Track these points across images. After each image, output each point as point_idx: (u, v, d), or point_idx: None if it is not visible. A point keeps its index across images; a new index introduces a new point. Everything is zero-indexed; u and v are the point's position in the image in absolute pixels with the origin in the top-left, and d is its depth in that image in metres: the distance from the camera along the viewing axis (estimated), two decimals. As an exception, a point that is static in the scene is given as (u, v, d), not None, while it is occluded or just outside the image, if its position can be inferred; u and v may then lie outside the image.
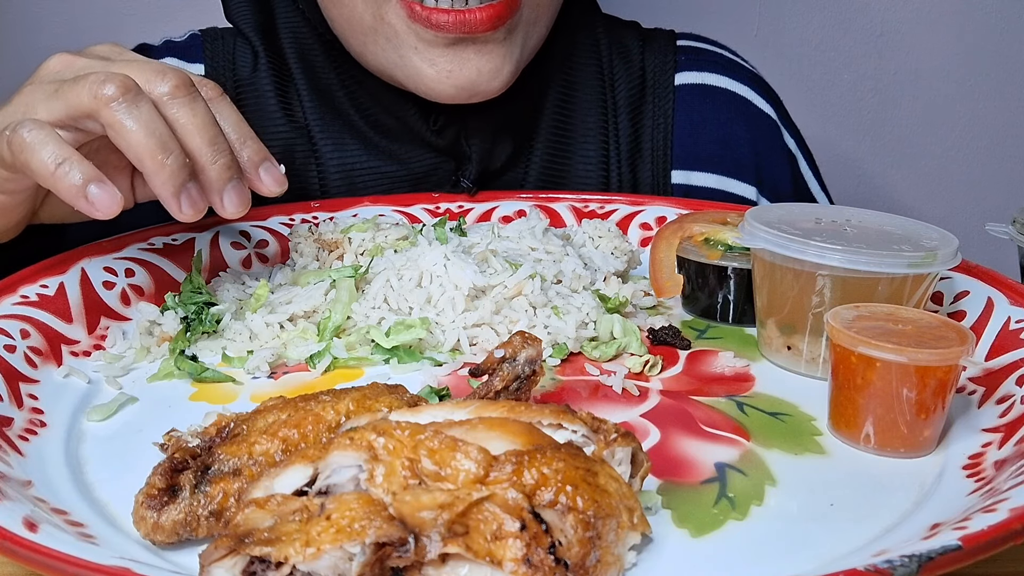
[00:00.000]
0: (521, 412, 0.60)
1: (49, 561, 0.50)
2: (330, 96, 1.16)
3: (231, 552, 0.51)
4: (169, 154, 0.75)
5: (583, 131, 1.19)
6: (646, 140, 1.19)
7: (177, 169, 0.76)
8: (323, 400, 0.64)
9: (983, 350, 0.81)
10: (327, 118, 1.16)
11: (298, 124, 1.15)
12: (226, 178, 0.80)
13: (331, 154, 1.15)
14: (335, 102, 1.16)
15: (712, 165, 1.21)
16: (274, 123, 1.15)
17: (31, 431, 0.71)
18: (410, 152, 1.16)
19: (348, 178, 1.16)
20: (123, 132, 0.75)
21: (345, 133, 1.16)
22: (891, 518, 0.63)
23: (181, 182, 0.76)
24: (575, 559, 0.52)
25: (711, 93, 1.23)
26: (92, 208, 0.74)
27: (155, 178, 0.76)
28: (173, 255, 0.98)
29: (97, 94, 0.75)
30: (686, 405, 0.79)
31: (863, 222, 0.88)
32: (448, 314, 0.87)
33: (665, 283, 0.98)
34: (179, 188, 0.77)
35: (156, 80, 0.78)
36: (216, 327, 0.87)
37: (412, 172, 1.16)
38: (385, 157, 1.16)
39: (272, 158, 0.85)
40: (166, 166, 0.75)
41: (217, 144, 0.79)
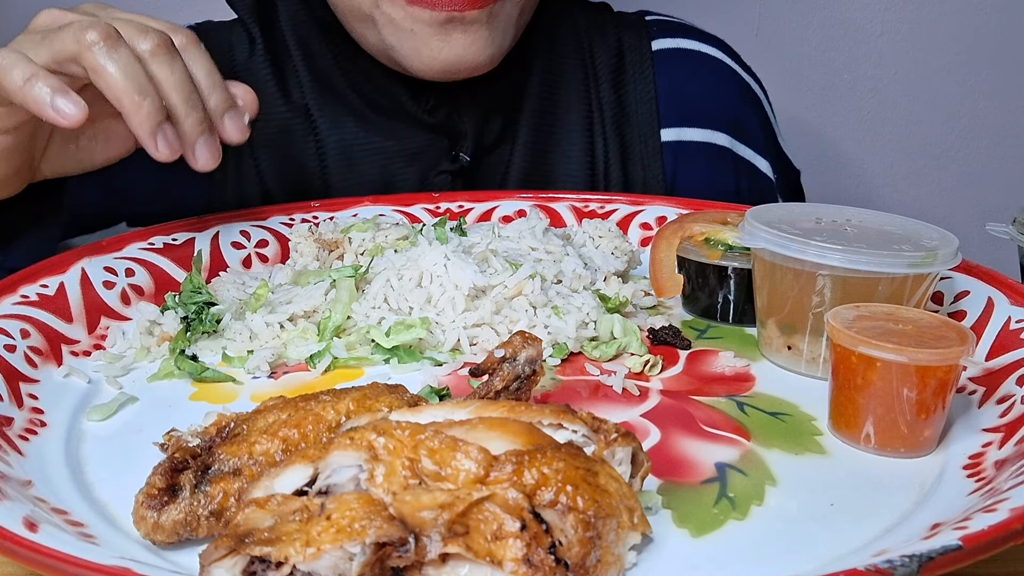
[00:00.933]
0: (521, 412, 0.60)
1: (49, 561, 0.50)
2: (328, 77, 1.20)
3: (231, 552, 0.51)
4: (146, 96, 0.81)
5: (567, 103, 1.24)
6: (631, 104, 1.25)
7: (154, 111, 0.82)
8: (323, 400, 0.64)
9: (983, 350, 0.81)
10: (325, 98, 1.20)
11: (296, 105, 1.20)
12: (198, 131, 0.85)
13: (329, 132, 1.19)
14: (332, 83, 1.20)
15: (699, 120, 1.26)
16: (273, 104, 1.19)
17: (31, 431, 0.71)
18: (405, 130, 1.20)
19: (346, 155, 1.20)
20: (103, 74, 0.80)
21: (343, 112, 1.20)
22: (891, 518, 0.63)
23: (157, 122, 0.82)
24: (575, 559, 0.52)
25: (687, 55, 1.29)
26: (58, 117, 0.79)
27: (133, 118, 0.81)
28: (173, 255, 0.98)
29: (80, 39, 0.80)
30: (686, 405, 0.79)
31: (863, 222, 0.88)
32: (448, 314, 0.87)
33: (665, 283, 0.98)
34: (155, 128, 0.82)
35: (138, 36, 0.83)
36: (216, 327, 0.87)
37: (407, 148, 1.20)
38: (381, 134, 1.20)
39: (238, 107, 0.89)
40: (143, 107, 0.81)
41: (191, 100, 0.84)
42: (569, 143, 1.23)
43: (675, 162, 1.26)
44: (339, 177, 1.20)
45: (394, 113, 1.19)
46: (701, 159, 1.27)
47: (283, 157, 1.20)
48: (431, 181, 1.20)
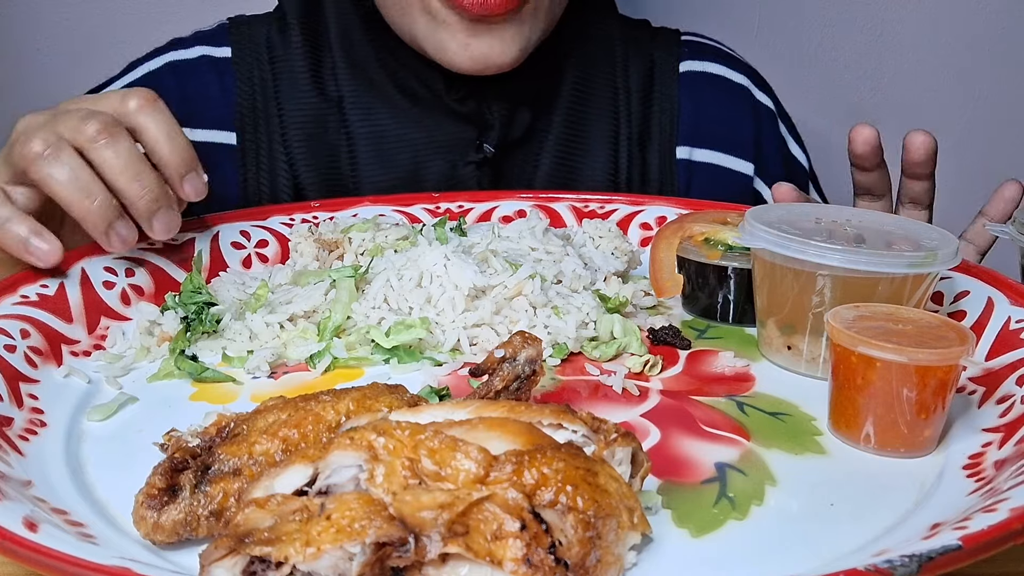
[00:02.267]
0: (521, 412, 0.60)
1: (49, 561, 0.50)
2: (364, 67, 1.24)
3: (231, 552, 0.51)
4: (94, 199, 0.83)
5: (598, 112, 1.27)
6: (655, 122, 1.29)
7: (103, 210, 0.84)
8: (323, 400, 0.64)
9: (983, 350, 0.81)
10: (360, 89, 1.23)
11: (329, 96, 1.23)
12: (153, 210, 0.86)
13: (360, 123, 1.22)
14: (369, 72, 1.23)
15: (713, 142, 1.30)
16: (306, 96, 1.22)
17: (31, 431, 0.71)
18: (435, 119, 1.22)
19: (377, 145, 1.22)
20: (49, 184, 0.82)
21: (376, 102, 1.23)
22: (891, 518, 0.63)
23: (108, 222, 0.84)
24: (575, 559, 0.52)
25: (712, 80, 1.33)
26: (33, 258, 0.83)
27: (84, 222, 0.84)
28: (173, 255, 0.98)
29: (24, 153, 0.83)
30: (686, 405, 0.79)
31: (863, 222, 0.88)
32: (448, 314, 0.87)
33: (665, 283, 0.98)
34: (107, 228, 0.84)
35: (79, 128, 0.84)
36: (216, 327, 0.87)
37: (436, 139, 1.22)
38: (412, 125, 1.22)
39: (199, 167, 0.90)
40: (92, 211, 0.83)
41: (141, 179, 0.85)
42: (595, 152, 1.26)
43: (689, 180, 1.30)
44: (369, 167, 1.22)
45: (425, 101, 1.22)
46: (716, 183, 1.29)
47: (315, 148, 1.22)
48: (459, 172, 1.22)
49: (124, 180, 0.84)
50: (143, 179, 0.85)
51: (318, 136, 1.22)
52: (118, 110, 0.87)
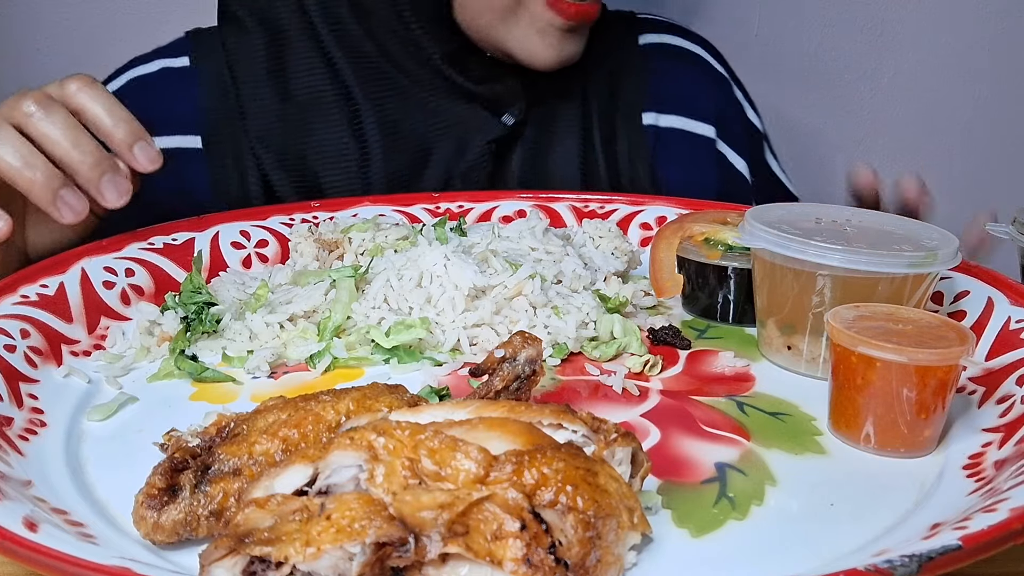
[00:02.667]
0: (521, 412, 0.60)
1: (49, 561, 0.50)
2: (363, 52, 1.24)
3: (231, 552, 0.51)
4: (35, 169, 0.84)
5: (567, 86, 1.30)
6: (621, 92, 1.33)
7: (45, 181, 0.84)
8: (323, 400, 0.64)
9: (983, 350, 0.81)
10: (362, 75, 1.23)
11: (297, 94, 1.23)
12: (98, 174, 0.86)
13: (368, 109, 1.22)
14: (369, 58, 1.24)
15: (676, 108, 1.34)
16: (270, 96, 1.22)
17: (31, 431, 0.71)
18: (443, 101, 1.24)
19: (387, 130, 1.22)
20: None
21: (382, 88, 1.23)
22: (891, 518, 0.63)
23: (53, 191, 0.84)
24: (575, 559, 0.52)
25: (671, 51, 1.39)
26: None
27: (31, 195, 0.85)
28: (173, 255, 0.98)
29: None
30: (686, 405, 0.79)
31: (863, 222, 0.88)
32: (448, 314, 0.87)
33: (665, 283, 0.98)
34: (53, 198, 0.85)
35: (15, 105, 0.86)
36: (216, 327, 0.87)
37: (443, 119, 1.24)
38: (415, 108, 1.24)
39: (147, 136, 0.90)
40: (36, 182, 0.84)
41: (80, 146, 0.86)
42: (567, 122, 1.29)
43: (656, 145, 1.32)
44: (380, 154, 1.22)
45: (433, 84, 1.23)
46: (682, 146, 1.33)
47: (321, 138, 1.22)
48: (473, 151, 1.23)
49: (63, 148, 0.85)
50: (82, 145, 0.86)
51: (322, 127, 1.22)
52: (56, 93, 0.88)
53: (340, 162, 1.22)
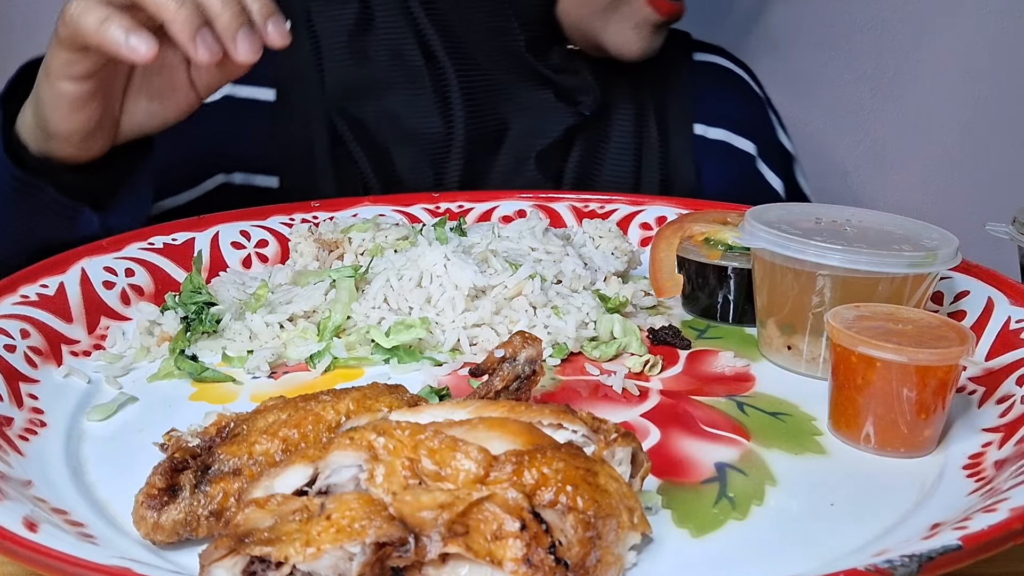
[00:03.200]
0: (521, 412, 0.60)
1: (49, 561, 0.50)
2: (452, 33, 1.28)
3: (231, 552, 0.51)
4: (182, 5, 0.85)
5: (625, 89, 1.36)
6: (673, 101, 1.39)
7: (190, 15, 0.85)
8: (323, 400, 0.64)
9: (983, 350, 0.81)
10: (449, 49, 1.27)
11: (426, 52, 1.27)
12: (236, 26, 0.88)
13: (455, 82, 1.26)
14: (458, 40, 1.28)
15: (723, 122, 1.40)
16: (399, 44, 1.26)
17: (31, 431, 0.71)
18: (524, 85, 1.29)
19: (469, 105, 1.26)
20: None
21: (467, 64, 1.27)
22: (891, 518, 0.63)
23: (195, 26, 0.85)
24: (575, 559, 0.52)
25: (720, 71, 1.47)
26: (132, 54, 0.84)
27: (172, 25, 0.85)
28: (173, 255, 0.98)
29: None
30: (686, 405, 0.79)
31: (863, 222, 0.88)
32: (448, 314, 0.87)
33: (665, 283, 0.98)
34: (194, 32, 0.85)
35: None
36: (216, 327, 0.87)
37: (516, 99, 1.29)
38: (494, 88, 1.29)
39: (280, 14, 0.92)
40: (179, 13, 0.85)
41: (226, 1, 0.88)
42: (622, 134, 1.35)
43: (703, 155, 1.38)
44: (462, 125, 1.25)
45: (511, 67, 1.27)
46: (727, 159, 1.38)
47: (405, 104, 1.26)
48: (548, 135, 1.28)
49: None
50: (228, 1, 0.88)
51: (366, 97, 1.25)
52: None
53: (424, 131, 1.26)
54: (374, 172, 1.26)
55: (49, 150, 0.94)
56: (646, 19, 1.24)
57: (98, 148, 0.95)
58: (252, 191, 1.26)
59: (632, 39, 1.26)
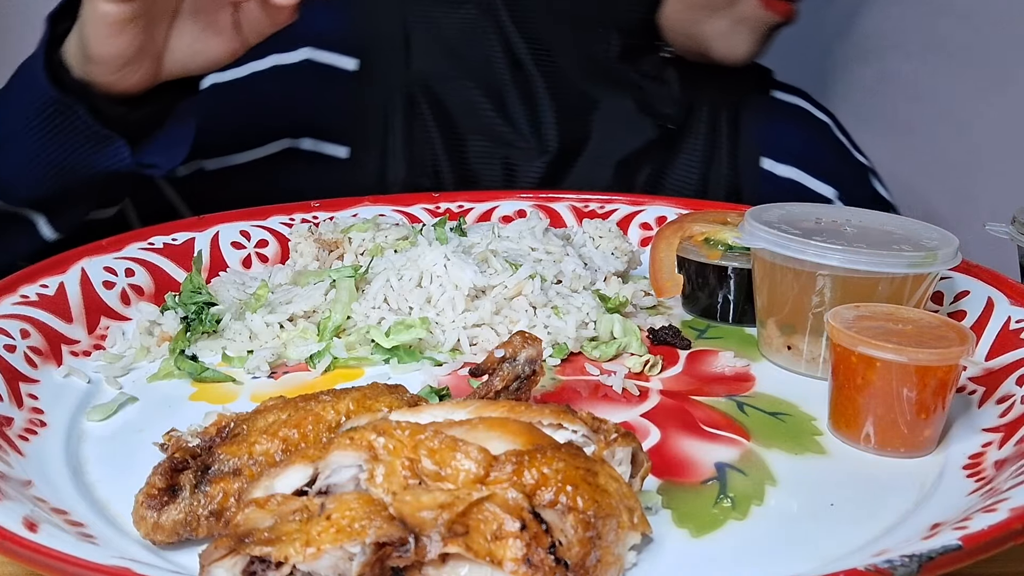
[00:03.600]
0: (521, 412, 0.60)
1: (49, 561, 0.50)
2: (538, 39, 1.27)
3: (231, 552, 0.51)
4: None
5: (698, 118, 1.35)
6: (744, 133, 1.36)
7: None
8: (323, 400, 0.64)
9: (983, 350, 0.81)
10: (536, 52, 1.26)
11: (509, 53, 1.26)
12: None
13: (540, 84, 1.25)
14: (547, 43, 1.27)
15: (797, 163, 1.37)
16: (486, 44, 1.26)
17: (31, 431, 0.71)
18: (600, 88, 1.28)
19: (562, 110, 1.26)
20: None
21: (553, 69, 1.26)
22: (891, 518, 0.63)
23: None
24: (575, 559, 0.52)
25: (799, 112, 1.43)
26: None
27: None
28: (173, 255, 0.98)
29: None
30: (686, 405, 0.79)
31: (863, 222, 0.88)
32: (448, 314, 0.87)
33: (665, 283, 0.98)
34: None
35: None
36: (216, 327, 0.87)
37: (606, 114, 1.28)
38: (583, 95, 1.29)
39: None
40: None
41: None
42: (692, 152, 1.33)
43: (772, 192, 1.35)
44: (552, 125, 1.25)
45: (596, 74, 1.26)
46: (798, 196, 1.35)
47: (489, 106, 1.25)
48: (630, 145, 1.27)
49: None
50: None
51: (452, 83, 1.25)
52: None
53: (503, 131, 1.25)
54: (448, 158, 1.25)
55: (89, 75, 0.93)
56: (758, 21, 1.23)
57: (137, 79, 0.94)
58: (319, 158, 1.25)
59: (740, 41, 1.24)
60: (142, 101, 0.97)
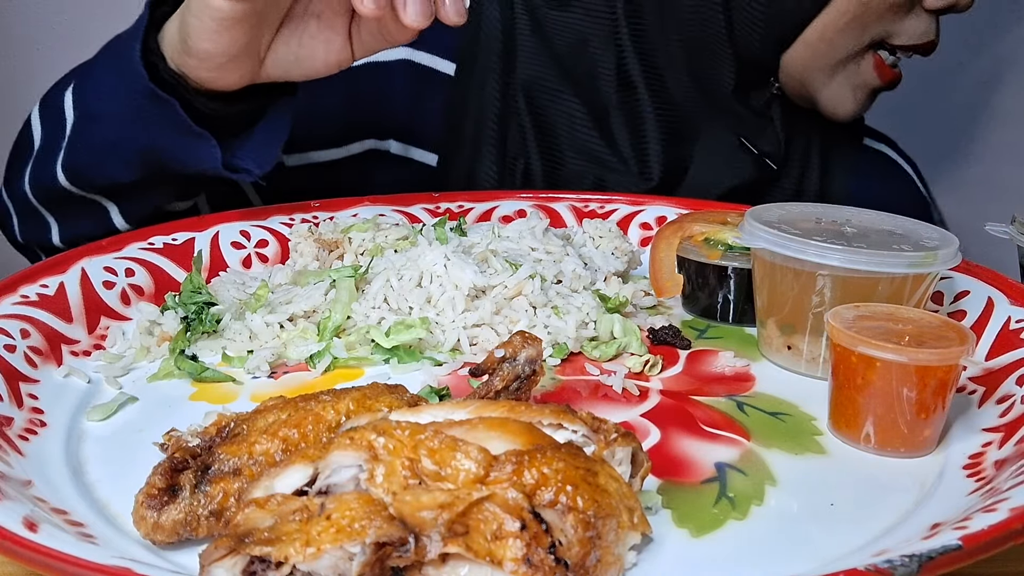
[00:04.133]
0: (521, 412, 0.60)
1: (49, 561, 0.50)
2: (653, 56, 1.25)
3: (231, 552, 0.51)
4: None
5: (794, 159, 1.35)
6: (835, 176, 1.37)
7: None
8: (323, 400, 0.64)
9: (983, 350, 0.81)
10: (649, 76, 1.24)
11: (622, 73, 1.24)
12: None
13: (650, 110, 1.24)
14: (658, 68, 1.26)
15: (879, 208, 1.38)
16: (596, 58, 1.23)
17: (31, 431, 0.71)
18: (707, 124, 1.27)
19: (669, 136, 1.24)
20: None
21: (664, 98, 1.25)
22: (891, 518, 0.63)
23: None
24: (575, 559, 0.52)
25: (886, 160, 1.46)
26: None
27: None
28: (173, 255, 0.98)
29: None
30: (686, 405, 0.79)
31: (863, 222, 0.88)
32: (448, 314, 0.87)
33: (665, 283, 0.98)
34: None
35: None
36: (216, 327, 0.87)
37: (708, 147, 1.27)
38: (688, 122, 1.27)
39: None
40: None
41: None
42: (779, 193, 1.34)
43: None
44: (659, 150, 1.24)
45: (701, 103, 1.25)
46: None
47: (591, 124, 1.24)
48: (729, 179, 1.26)
49: None
50: None
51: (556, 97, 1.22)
52: None
53: (602, 153, 1.23)
54: (542, 173, 1.23)
55: (185, 66, 0.90)
56: (867, 83, 1.25)
57: (234, 79, 0.91)
58: (404, 162, 1.22)
59: (849, 99, 1.26)
60: (236, 99, 0.94)
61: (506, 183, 1.22)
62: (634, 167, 1.23)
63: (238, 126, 0.97)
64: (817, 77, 1.24)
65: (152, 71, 0.91)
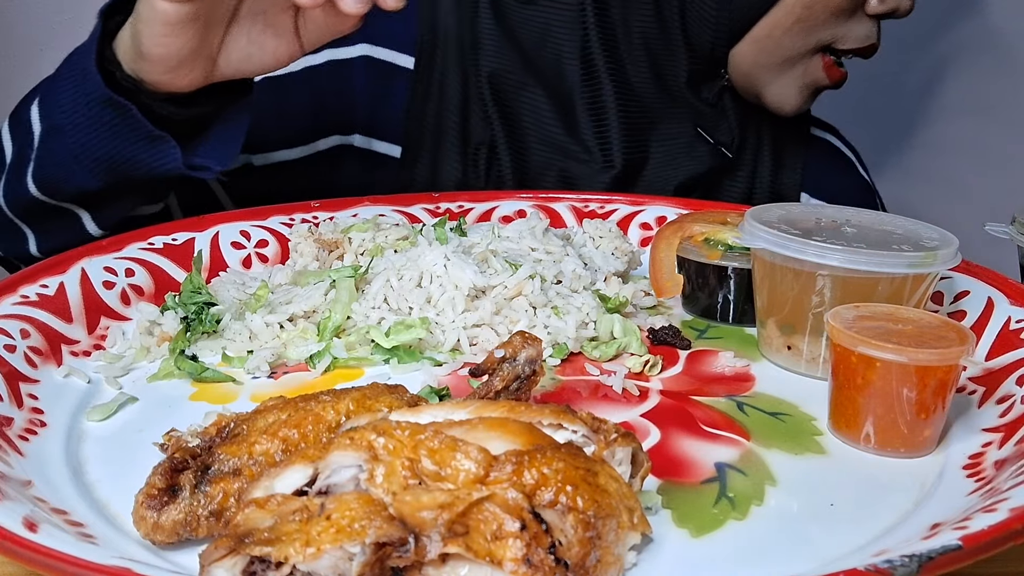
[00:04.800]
0: (521, 412, 0.60)
1: (49, 561, 0.50)
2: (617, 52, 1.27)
3: (231, 552, 0.51)
4: None
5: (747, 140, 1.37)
6: (786, 168, 1.39)
7: None
8: (323, 400, 0.64)
9: (983, 350, 0.81)
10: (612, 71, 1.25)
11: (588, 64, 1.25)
12: None
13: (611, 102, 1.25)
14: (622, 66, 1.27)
15: (827, 197, 1.41)
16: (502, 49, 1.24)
17: (31, 431, 0.71)
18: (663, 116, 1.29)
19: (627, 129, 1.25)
20: None
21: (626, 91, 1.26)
22: (891, 518, 0.63)
23: None
24: (575, 559, 0.52)
25: (831, 149, 1.48)
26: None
27: None
28: (173, 255, 0.98)
29: None
30: (686, 405, 0.79)
31: (863, 222, 0.88)
32: (448, 314, 0.87)
33: (665, 283, 0.98)
34: None
35: None
36: (216, 327, 0.87)
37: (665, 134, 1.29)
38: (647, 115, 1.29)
39: None
40: None
41: None
42: (733, 184, 1.35)
43: None
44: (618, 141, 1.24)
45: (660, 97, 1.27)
46: None
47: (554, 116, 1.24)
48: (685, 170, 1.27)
49: None
50: None
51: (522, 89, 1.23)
52: None
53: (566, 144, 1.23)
54: (511, 164, 1.23)
55: (140, 72, 0.91)
56: (816, 82, 1.27)
57: (189, 80, 0.92)
58: (370, 156, 1.23)
59: (793, 97, 1.28)
60: (193, 101, 0.95)
61: (469, 172, 1.23)
62: (598, 156, 1.24)
63: (197, 127, 0.98)
64: (763, 74, 1.26)
65: (110, 79, 0.93)
